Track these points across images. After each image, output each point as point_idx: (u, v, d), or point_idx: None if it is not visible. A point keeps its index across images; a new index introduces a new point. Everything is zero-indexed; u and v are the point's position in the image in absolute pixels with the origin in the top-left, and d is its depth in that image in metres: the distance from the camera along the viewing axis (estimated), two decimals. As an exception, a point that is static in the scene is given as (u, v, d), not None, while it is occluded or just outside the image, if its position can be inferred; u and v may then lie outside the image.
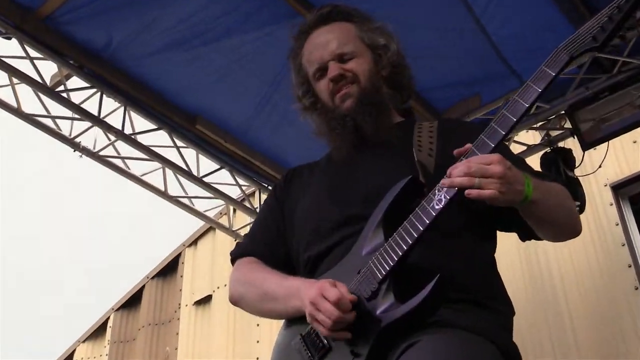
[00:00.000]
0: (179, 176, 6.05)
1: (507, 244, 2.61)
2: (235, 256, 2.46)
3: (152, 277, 10.09)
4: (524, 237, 2.22)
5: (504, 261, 2.27)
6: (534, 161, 5.55)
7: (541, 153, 5.58)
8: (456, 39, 5.03)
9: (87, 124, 5.45)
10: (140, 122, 5.63)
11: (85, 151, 5.56)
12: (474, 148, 1.87)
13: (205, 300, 9.09)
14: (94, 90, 5.32)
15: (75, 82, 5.24)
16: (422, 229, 1.87)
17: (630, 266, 5.86)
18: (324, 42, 2.43)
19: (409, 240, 1.89)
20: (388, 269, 1.90)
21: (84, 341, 10.85)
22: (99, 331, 10.68)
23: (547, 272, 6.23)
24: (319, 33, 2.46)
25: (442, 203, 1.85)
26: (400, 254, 1.89)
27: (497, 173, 1.81)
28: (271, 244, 2.41)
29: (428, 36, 4.91)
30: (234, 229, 6.58)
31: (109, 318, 10.52)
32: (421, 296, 1.81)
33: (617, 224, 6.08)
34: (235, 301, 2.37)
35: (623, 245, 5.97)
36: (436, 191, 1.88)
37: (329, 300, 1.88)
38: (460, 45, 5.10)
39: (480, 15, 4.84)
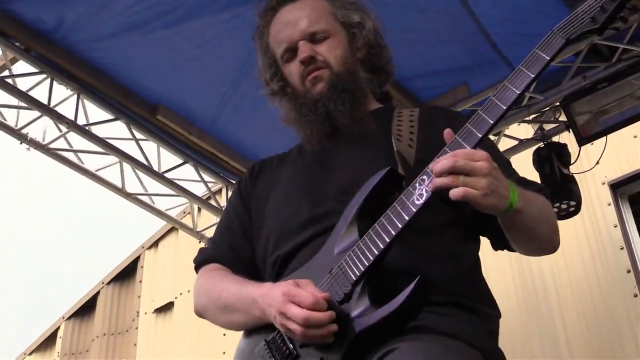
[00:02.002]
0: (137, 171, 5.99)
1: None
2: (198, 264, 2.45)
3: (108, 283, 10.03)
4: (496, 245, 2.22)
5: (492, 263, 2.28)
6: (527, 157, 5.58)
7: (534, 148, 5.60)
8: (441, 22, 5.03)
9: (36, 113, 5.38)
10: (94, 112, 5.57)
11: (34, 143, 5.49)
12: (459, 138, 1.85)
13: (167, 308, 9.05)
14: (43, 76, 5.25)
15: (22, 67, 5.18)
16: (400, 226, 1.86)
17: (629, 271, 5.91)
18: (293, 20, 2.41)
19: (387, 239, 1.87)
20: (363, 269, 1.89)
21: (30, 353, 10.76)
22: (47, 342, 10.59)
23: (539, 279, 6.27)
24: (287, 10, 2.45)
25: (423, 198, 1.84)
26: (377, 253, 1.87)
27: (485, 170, 1.80)
28: (236, 248, 2.40)
29: (410, 18, 4.89)
30: (198, 230, 6.54)
31: (59, 328, 10.44)
32: (399, 300, 1.80)
33: (616, 226, 6.13)
34: (199, 314, 2.38)
35: (622, 248, 6.02)
36: (416, 185, 1.86)
37: (301, 306, 1.86)
38: (446, 29, 5.10)
39: (468, -2, 4.85)
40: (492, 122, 1.84)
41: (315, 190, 2.24)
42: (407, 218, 1.85)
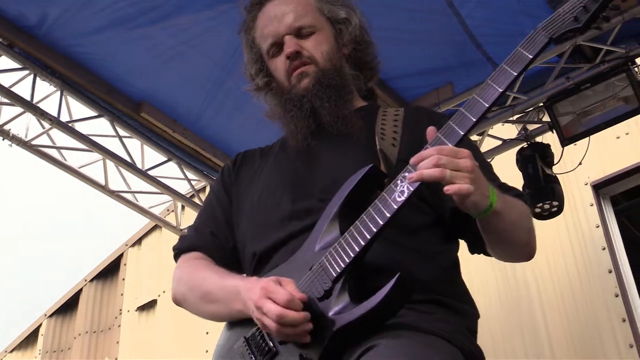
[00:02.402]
0: (121, 169, 5.98)
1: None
2: (179, 251, 2.42)
3: (91, 280, 9.99)
4: (473, 250, 2.22)
5: (474, 261, 2.28)
6: (510, 156, 5.60)
7: (517, 148, 5.63)
8: (426, 22, 5.05)
9: (19, 109, 5.35)
10: (78, 109, 5.55)
11: (16, 140, 5.45)
12: (441, 135, 1.86)
13: (150, 306, 9.02)
14: (26, 72, 5.23)
15: (4, 62, 5.15)
16: (382, 223, 1.85)
17: (610, 271, 5.94)
18: (279, 15, 2.40)
19: (367, 235, 1.87)
20: (343, 266, 1.88)
21: (11, 351, 10.70)
22: (29, 339, 10.54)
23: (522, 278, 6.29)
24: (273, 4, 2.44)
25: (405, 195, 1.83)
26: (357, 250, 1.87)
27: (469, 167, 1.80)
28: (218, 236, 2.39)
29: (395, 18, 4.91)
30: (181, 228, 6.53)
31: (40, 325, 10.39)
32: (379, 296, 1.79)
33: (598, 226, 6.17)
34: (177, 302, 2.35)
35: (603, 249, 6.06)
36: (398, 182, 1.86)
37: (277, 303, 1.86)
38: (431, 29, 5.11)
39: (453, -4, 4.87)
40: (474, 119, 1.84)
41: (297, 186, 2.24)
42: (388, 215, 1.85)
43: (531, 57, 1.85)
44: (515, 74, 1.85)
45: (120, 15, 4.86)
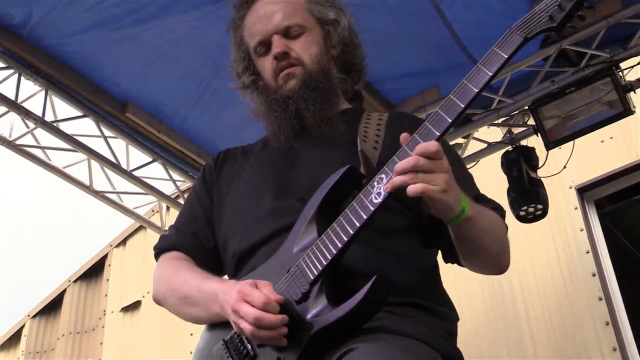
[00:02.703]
0: (106, 169, 5.95)
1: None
2: (159, 250, 2.41)
3: (75, 280, 9.94)
4: (447, 259, 2.22)
5: (457, 266, 2.28)
6: (495, 160, 5.61)
7: (502, 151, 5.64)
8: (412, 24, 5.05)
9: (3, 109, 5.32)
10: (63, 109, 5.52)
11: (0, 139, 5.43)
12: (417, 137, 1.86)
13: (134, 307, 8.99)
14: (11, 71, 5.20)
15: (-13, 62, 5.13)
16: (358, 224, 1.85)
17: (594, 275, 5.97)
18: (268, 14, 2.39)
19: (344, 237, 1.86)
20: (320, 268, 1.88)
21: (-7, 352, 10.66)
22: (12, 340, 10.48)
23: (506, 281, 6.31)
24: (263, 3, 2.43)
25: (381, 197, 1.83)
26: (335, 252, 1.87)
27: (445, 168, 1.80)
28: (199, 236, 2.38)
29: (381, 20, 4.91)
30: (166, 229, 6.51)
31: (23, 326, 10.33)
32: (356, 299, 1.79)
33: (582, 230, 6.19)
34: (158, 302, 2.34)
35: (587, 252, 6.08)
36: (375, 183, 1.86)
37: (254, 306, 1.85)
38: (417, 32, 5.12)
39: (439, 0, 4.87)
40: (450, 120, 1.83)
41: (277, 187, 2.23)
42: (365, 217, 1.84)
43: (506, 56, 1.85)
44: (491, 74, 1.85)
45: (105, 16, 4.84)
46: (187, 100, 5.52)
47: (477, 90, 1.83)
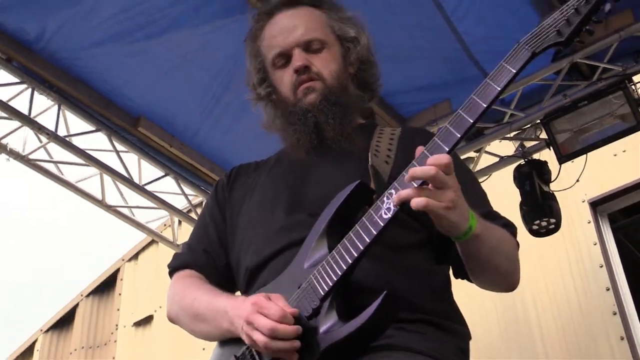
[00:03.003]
0: (118, 183, 5.97)
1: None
2: (172, 269, 2.42)
3: (87, 295, 9.96)
4: (457, 274, 2.21)
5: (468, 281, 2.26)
6: (507, 173, 5.59)
7: (515, 165, 5.62)
8: (424, 38, 5.06)
9: (16, 123, 5.36)
10: (75, 123, 5.55)
11: (13, 154, 5.46)
12: (426, 152, 1.85)
13: (146, 321, 8.99)
14: (24, 86, 5.23)
15: (2, 76, 5.16)
16: (368, 240, 1.84)
17: (608, 289, 5.93)
18: (289, 27, 2.39)
19: (354, 253, 1.85)
20: (331, 284, 1.87)
21: (7, 366, 10.67)
22: (24, 355, 10.49)
23: (519, 294, 6.27)
24: (284, 16, 2.43)
25: (391, 212, 1.82)
26: (345, 268, 1.86)
27: (455, 186, 1.79)
28: (211, 253, 2.38)
29: (394, 34, 4.92)
30: (178, 243, 6.52)
31: (36, 340, 10.35)
32: (366, 315, 1.78)
33: (595, 244, 6.15)
34: (171, 320, 2.36)
35: (601, 266, 6.05)
36: (384, 199, 1.85)
37: (269, 317, 1.85)
38: (429, 45, 5.12)
39: (451, 13, 4.87)
40: (458, 135, 1.82)
41: (289, 201, 2.23)
42: (374, 232, 1.84)
43: (514, 71, 1.84)
44: (499, 88, 1.84)
45: (118, 30, 4.88)
46: (199, 114, 5.54)
47: (485, 105, 1.83)
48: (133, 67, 5.15)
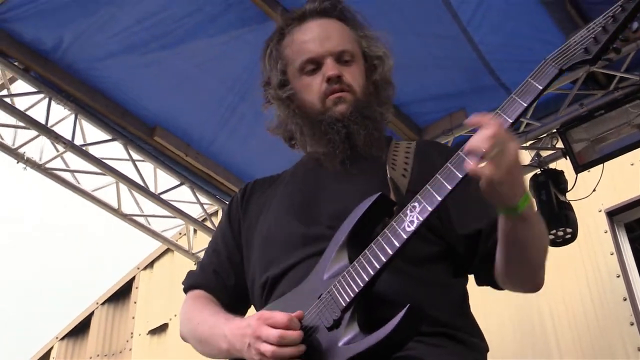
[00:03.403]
0: (134, 192, 5.99)
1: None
2: (185, 288, 2.46)
3: (102, 303, 9.99)
4: (481, 281, 2.19)
5: (487, 289, 2.25)
6: (523, 183, 5.57)
7: (531, 174, 5.61)
8: (440, 48, 5.06)
9: (33, 133, 5.39)
10: (92, 132, 5.58)
11: (30, 163, 5.49)
12: (450, 166, 1.83)
13: (161, 329, 9.01)
14: (41, 95, 5.27)
15: (20, 86, 5.19)
16: (391, 252, 1.84)
17: (625, 299, 5.89)
18: (323, 35, 2.39)
19: (377, 265, 1.85)
20: (353, 295, 1.87)
21: (23, 373, 10.72)
22: (40, 363, 10.53)
23: (535, 304, 6.24)
24: (317, 24, 2.43)
25: (414, 225, 1.82)
26: (367, 279, 1.85)
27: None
28: (221, 274, 2.40)
29: (409, 43, 4.92)
30: (193, 252, 6.53)
31: (52, 348, 10.38)
32: (389, 327, 1.77)
33: (612, 253, 6.12)
34: (183, 339, 2.40)
35: (618, 276, 6.01)
36: (407, 212, 1.85)
37: (276, 327, 1.87)
38: (445, 54, 5.12)
39: (467, 23, 4.87)
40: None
41: (307, 214, 2.23)
42: (397, 245, 1.84)
43: (541, 88, 1.83)
44: (525, 104, 1.83)
45: (134, 40, 4.91)
46: (215, 124, 5.56)
47: (511, 122, 1.82)
48: (149, 77, 5.18)
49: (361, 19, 2.51)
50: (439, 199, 1.80)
